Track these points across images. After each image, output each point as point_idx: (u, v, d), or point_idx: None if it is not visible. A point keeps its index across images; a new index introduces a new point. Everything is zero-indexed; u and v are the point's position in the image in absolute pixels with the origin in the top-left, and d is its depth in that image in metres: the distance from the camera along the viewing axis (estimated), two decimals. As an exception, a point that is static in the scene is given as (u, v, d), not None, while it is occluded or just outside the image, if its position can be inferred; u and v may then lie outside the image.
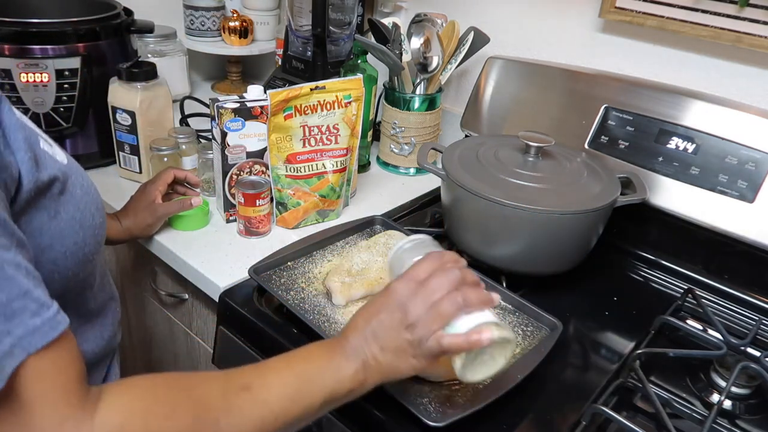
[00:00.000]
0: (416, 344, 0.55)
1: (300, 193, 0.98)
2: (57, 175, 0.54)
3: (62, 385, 0.42)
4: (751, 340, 0.81)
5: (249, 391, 0.51)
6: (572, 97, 1.04)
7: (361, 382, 0.56)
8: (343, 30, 1.25)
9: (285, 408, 0.51)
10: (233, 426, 0.48)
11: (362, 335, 0.56)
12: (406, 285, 0.57)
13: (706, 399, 0.74)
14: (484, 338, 0.54)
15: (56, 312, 0.43)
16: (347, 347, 0.56)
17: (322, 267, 0.85)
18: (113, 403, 0.45)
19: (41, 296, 0.43)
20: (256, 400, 0.50)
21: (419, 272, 0.58)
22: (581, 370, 0.77)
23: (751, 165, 0.87)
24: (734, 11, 0.91)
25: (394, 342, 0.55)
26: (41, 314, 0.42)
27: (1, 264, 0.40)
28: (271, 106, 0.89)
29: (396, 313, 0.56)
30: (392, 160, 1.22)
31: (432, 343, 0.55)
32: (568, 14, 1.12)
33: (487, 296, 0.58)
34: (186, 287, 0.97)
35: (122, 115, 1.04)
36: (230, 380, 0.52)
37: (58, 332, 0.43)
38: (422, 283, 0.57)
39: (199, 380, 0.51)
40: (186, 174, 0.96)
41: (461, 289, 0.56)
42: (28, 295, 0.41)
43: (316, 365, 0.55)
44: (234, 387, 0.51)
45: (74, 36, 1.02)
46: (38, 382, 0.41)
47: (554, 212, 0.82)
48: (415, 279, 0.57)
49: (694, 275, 0.95)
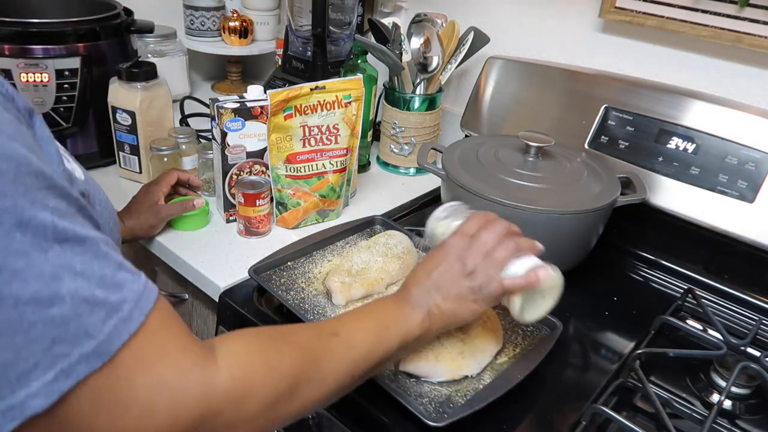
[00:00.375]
0: (477, 290, 0.61)
1: (300, 193, 0.98)
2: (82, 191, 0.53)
3: (176, 338, 0.44)
4: (751, 340, 0.81)
5: (338, 336, 0.55)
6: (572, 97, 1.04)
7: (427, 328, 0.60)
8: (343, 30, 1.25)
9: (369, 351, 0.56)
10: (330, 366, 0.52)
11: (424, 287, 0.61)
12: (460, 239, 0.63)
13: (706, 399, 0.74)
14: (541, 276, 0.61)
15: (146, 277, 0.45)
16: (411, 299, 0.61)
17: (322, 267, 0.85)
18: (230, 348, 0.47)
19: (130, 265, 0.45)
20: (345, 343, 0.55)
21: (469, 228, 0.64)
22: (581, 370, 0.77)
23: (751, 165, 0.87)
24: (734, 11, 0.91)
25: (456, 290, 0.61)
26: (138, 280, 0.43)
27: (96, 241, 0.42)
28: (271, 106, 0.89)
29: (455, 264, 0.62)
30: (392, 160, 1.22)
31: (494, 286, 0.61)
32: (568, 14, 1.12)
33: (533, 242, 0.65)
34: (186, 287, 0.97)
35: (122, 115, 1.04)
36: (319, 328, 0.56)
37: (156, 292, 0.44)
38: (474, 237, 0.63)
39: (294, 329, 0.55)
40: (189, 176, 0.97)
41: (511, 237, 0.64)
42: (123, 266, 0.43)
43: (389, 314, 0.60)
44: (324, 333, 0.55)
45: (74, 36, 1.02)
46: (156, 339, 0.43)
47: (554, 212, 0.82)
48: (468, 233, 0.64)
49: (694, 275, 0.95)
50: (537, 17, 1.17)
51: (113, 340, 0.40)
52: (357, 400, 0.66)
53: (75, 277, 0.39)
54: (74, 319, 0.39)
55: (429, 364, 0.67)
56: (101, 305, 0.40)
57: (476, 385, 0.67)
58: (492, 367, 0.70)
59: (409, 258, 0.85)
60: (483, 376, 0.69)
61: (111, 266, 0.42)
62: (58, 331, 0.38)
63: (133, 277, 0.43)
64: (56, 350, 0.38)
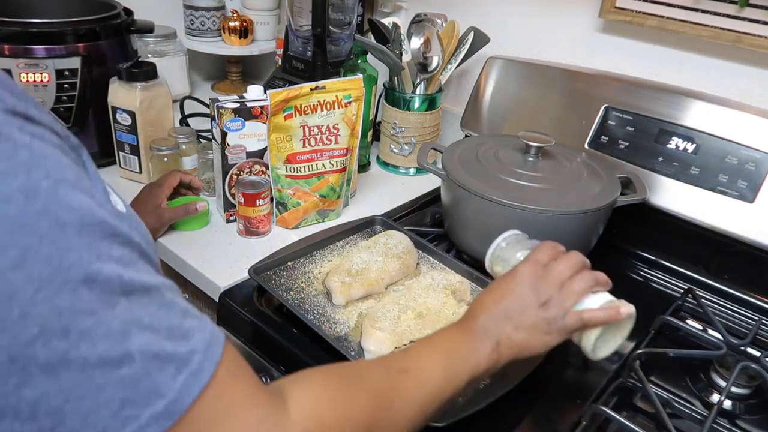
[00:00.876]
0: (551, 320, 0.59)
1: (300, 193, 0.98)
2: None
3: (245, 389, 0.42)
4: (751, 340, 0.81)
5: (407, 374, 0.53)
6: (572, 97, 1.04)
7: (496, 360, 0.58)
8: (343, 30, 1.25)
9: (439, 388, 0.54)
10: (402, 408, 0.51)
11: (493, 315, 0.59)
12: (533, 268, 0.61)
13: (706, 399, 0.74)
14: (623, 311, 0.60)
15: (213, 322, 0.43)
16: (479, 329, 0.59)
17: (322, 267, 0.85)
18: (301, 397, 0.45)
19: (196, 311, 0.43)
20: (416, 382, 0.53)
21: (542, 257, 0.63)
22: (581, 370, 0.77)
23: (751, 165, 0.87)
24: (734, 11, 0.91)
25: (529, 320, 0.59)
26: (205, 327, 0.41)
27: (161, 290, 0.40)
28: (271, 106, 0.89)
29: (528, 294, 0.60)
30: (392, 160, 1.22)
31: (571, 318, 0.59)
32: (568, 14, 1.12)
33: (607, 278, 0.64)
34: (186, 287, 0.97)
35: (122, 115, 1.04)
36: (388, 367, 0.54)
37: (224, 339, 0.42)
38: (548, 266, 0.62)
39: (363, 369, 0.53)
40: (191, 178, 0.97)
41: (587, 270, 0.63)
42: (188, 314, 0.41)
43: (458, 347, 0.57)
44: (393, 372, 0.53)
45: (74, 36, 1.02)
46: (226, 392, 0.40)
47: (554, 212, 0.82)
48: (541, 262, 0.62)
49: (694, 275, 0.95)
50: (537, 17, 1.17)
51: (184, 398, 0.38)
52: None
53: (143, 331, 0.37)
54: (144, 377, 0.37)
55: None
56: (171, 359, 0.38)
57: (476, 385, 0.67)
58: (492, 367, 0.70)
59: (409, 258, 0.84)
60: (483, 376, 0.69)
61: (178, 315, 0.40)
62: (128, 393, 0.36)
63: (200, 324, 0.41)
64: (125, 413, 0.36)
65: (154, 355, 0.37)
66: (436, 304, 0.75)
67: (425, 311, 0.74)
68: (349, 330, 0.74)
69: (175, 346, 0.38)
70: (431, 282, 0.79)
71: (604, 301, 0.61)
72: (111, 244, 0.38)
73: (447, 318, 0.74)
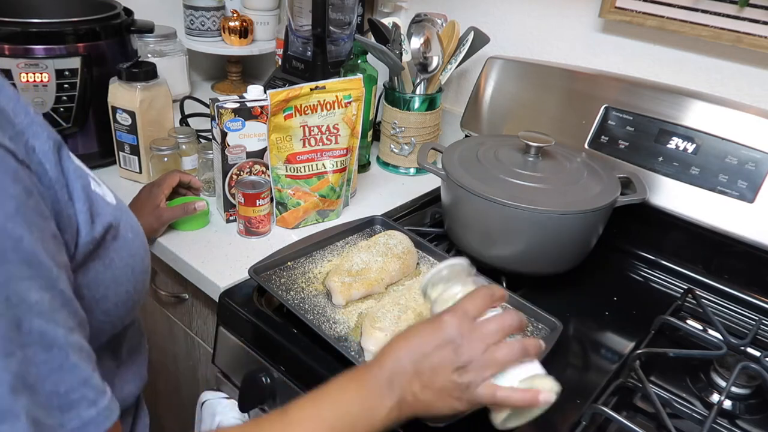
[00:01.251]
0: (464, 388, 0.52)
1: (300, 193, 0.98)
2: (111, 222, 0.51)
3: None
4: (751, 340, 0.81)
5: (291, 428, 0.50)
6: (572, 97, 1.04)
7: (395, 418, 0.53)
8: (343, 30, 1.25)
9: None
10: None
11: (403, 369, 0.53)
12: (459, 321, 0.53)
13: (706, 399, 0.74)
14: (542, 400, 0.52)
15: (110, 399, 0.42)
16: (383, 381, 0.53)
17: (322, 267, 0.85)
18: None
19: (98, 382, 0.42)
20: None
21: (472, 308, 0.54)
22: (581, 370, 0.77)
23: (751, 165, 0.87)
24: (734, 11, 0.91)
25: (441, 381, 0.52)
26: (97, 404, 0.41)
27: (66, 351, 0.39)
28: (271, 106, 0.89)
29: (446, 351, 0.52)
30: (392, 160, 1.22)
31: (484, 391, 0.52)
32: (568, 14, 1.12)
33: (540, 344, 0.56)
34: (186, 287, 0.97)
35: (122, 115, 1.04)
36: (272, 423, 0.51)
37: (111, 422, 0.42)
38: (477, 324, 0.54)
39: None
40: (190, 178, 0.97)
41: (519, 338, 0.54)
42: (87, 384, 0.41)
43: (347, 410, 0.52)
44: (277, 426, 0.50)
45: (74, 36, 1.02)
46: None
47: (554, 212, 0.82)
48: (469, 315, 0.54)
49: (694, 275, 0.95)
50: (537, 17, 1.17)
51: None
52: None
53: (25, 390, 0.37)
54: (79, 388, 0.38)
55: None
56: (44, 430, 0.37)
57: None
58: (492, 367, 0.70)
59: (409, 258, 0.84)
60: (483, 376, 0.69)
61: (72, 381, 0.40)
62: None
63: (93, 398, 0.41)
64: None
65: (34, 420, 0.37)
66: (436, 304, 0.75)
67: (425, 311, 0.74)
68: (349, 330, 0.74)
69: (48, 416, 0.38)
70: (431, 282, 0.79)
71: (528, 375, 0.54)
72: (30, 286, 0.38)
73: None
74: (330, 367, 0.70)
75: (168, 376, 1.14)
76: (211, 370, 0.89)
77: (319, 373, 0.70)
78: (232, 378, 0.85)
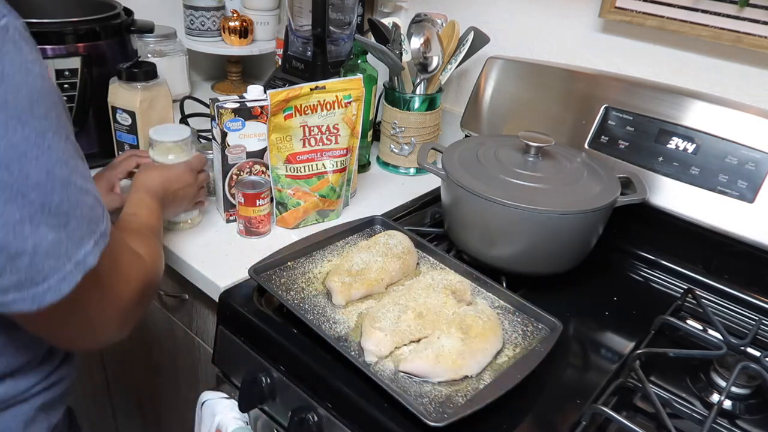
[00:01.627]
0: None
1: (300, 193, 0.98)
2: None
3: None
4: (751, 340, 0.81)
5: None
6: (572, 97, 1.04)
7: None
8: (343, 30, 1.25)
9: None
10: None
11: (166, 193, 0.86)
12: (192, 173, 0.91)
13: (706, 399, 0.74)
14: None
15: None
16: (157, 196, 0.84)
17: (322, 267, 0.85)
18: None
19: (101, 198, 0.57)
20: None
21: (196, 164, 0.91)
22: (581, 370, 0.77)
23: (751, 165, 0.87)
24: (734, 11, 0.91)
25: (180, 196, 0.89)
26: (105, 219, 0.56)
27: (87, 175, 0.55)
28: (271, 106, 0.89)
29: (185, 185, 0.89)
30: (392, 160, 1.22)
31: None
32: (568, 14, 1.12)
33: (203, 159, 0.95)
34: (186, 287, 0.97)
35: (122, 115, 1.04)
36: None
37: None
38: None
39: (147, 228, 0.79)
40: (148, 160, 0.92)
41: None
42: (98, 201, 0.55)
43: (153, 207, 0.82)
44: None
45: (74, 36, 1.02)
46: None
47: (554, 212, 0.82)
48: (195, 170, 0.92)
49: (694, 275, 0.96)
50: (537, 17, 1.17)
51: (107, 230, 0.56)
52: (357, 400, 0.66)
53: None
54: (98, 206, 0.55)
55: (429, 364, 0.67)
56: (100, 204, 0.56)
57: (476, 385, 0.67)
58: (492, 367, 0.70)
59: (409, 258, 0.84)
60: (483, 376, 0.69)
61: (93, 199, 0.55)
62: (91, 214, 0.53)
63: (101, 213, 0.56)
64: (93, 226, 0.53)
65: (96, 198, 0.56)
66: (436, 304, 0.75)
67: (425, 311, 0.74)
68: (349, 330, 0.74)
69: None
70: (431, 282, 0.79)
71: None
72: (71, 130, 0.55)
73: (447, 318, 0.74)
74: (330, 367, 0.70)
75: (168, 376, 1.14)
76: (211, 370, 0.89)
77: (319, 373, 0.70)
78: (232, 378, 0.85)
